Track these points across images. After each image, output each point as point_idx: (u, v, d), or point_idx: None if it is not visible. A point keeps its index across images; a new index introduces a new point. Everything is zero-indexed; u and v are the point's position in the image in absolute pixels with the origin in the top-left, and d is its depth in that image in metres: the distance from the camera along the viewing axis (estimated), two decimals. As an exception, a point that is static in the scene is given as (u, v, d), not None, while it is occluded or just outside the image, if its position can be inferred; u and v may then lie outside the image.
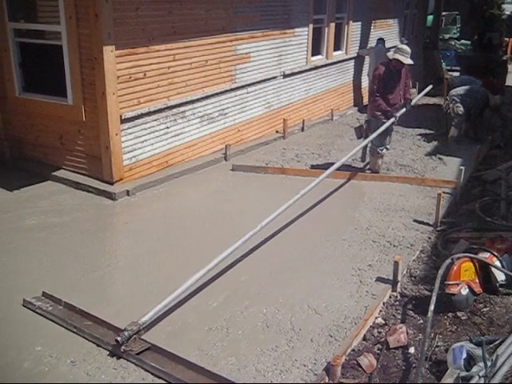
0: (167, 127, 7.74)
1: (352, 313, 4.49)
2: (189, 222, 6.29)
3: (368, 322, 4.39)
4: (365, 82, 13.38)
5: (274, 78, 9.99)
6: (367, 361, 3.98)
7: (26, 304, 4.49)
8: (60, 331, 4.17)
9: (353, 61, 13.12)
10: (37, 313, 4.39)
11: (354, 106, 13.27)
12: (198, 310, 4.49)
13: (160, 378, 3.67)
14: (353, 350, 4.08)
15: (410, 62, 7.42)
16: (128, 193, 6.99)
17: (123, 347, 3.85)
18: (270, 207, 5.49)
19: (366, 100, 13.11)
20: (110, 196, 6.89)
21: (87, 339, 4.05)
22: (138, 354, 3.84)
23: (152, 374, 3.70)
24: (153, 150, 7.57)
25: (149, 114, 7.36)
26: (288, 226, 6.11)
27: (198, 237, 5.87)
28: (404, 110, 7.77)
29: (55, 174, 7.44)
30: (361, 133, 8.08)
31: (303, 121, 10.77)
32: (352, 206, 6.83)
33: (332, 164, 8.09)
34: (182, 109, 7.92)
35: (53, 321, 4.28)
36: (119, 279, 5.16)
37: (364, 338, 4.26)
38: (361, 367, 3.93)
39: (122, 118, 6.96)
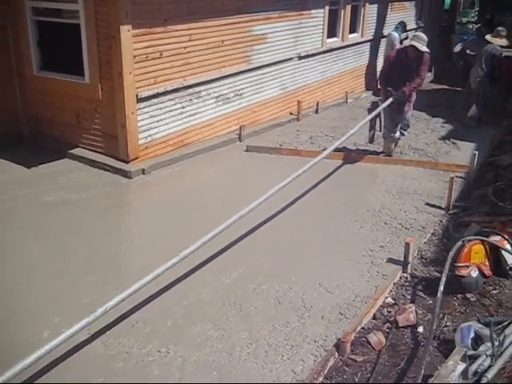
0: (183, 107, 7.80)
1: (362, 292, 4.58)
2: (203, 201, 6.38)
3: (378, 301, 4.47)
4: (380, 65, 13.29)
5: (290, 59, 9.99)
6: (376, 338, 4.07)
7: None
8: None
9: (368, 43, 13.04)
10: None
11: (369, 89, 13.21)
12: (212, 287, 4.60)
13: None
14: (362, 328, 4.17)
15: (426, 49, 7.38)
16: (143, 171, 7.09)
17: None
18: (281, 190, 5.56)
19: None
20: (125, 174, 7.00)
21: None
22: None
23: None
24: (168, 130, 7.65)
25: (165, 93, 7.42)
26: (301, 206, 6.18)
27: (212, 215, 5.92)
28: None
29: (72, 151, 7.55)
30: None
31: (317, 103, 10.78)
32: (365, 188, 6.88)
33: (346, 148, 8.22)
34: (197, 89, 7.97)
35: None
36: (133, 256, 5.29)
37: (374, 317, 4.34)
38: (370, 344, 4.02)
39: (138, 97, 7.03)
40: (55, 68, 7.65)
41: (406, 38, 12.02)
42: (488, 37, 10.17)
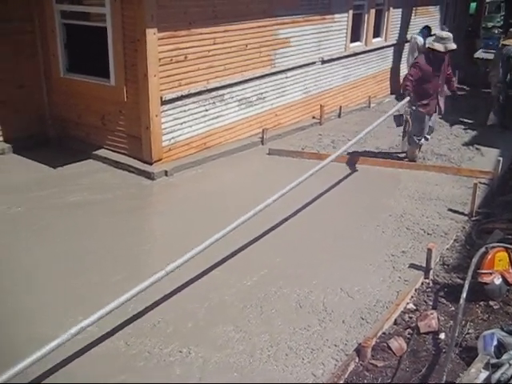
0: (206, 110, 7.86)
1: (384, 297, 4.57)
2: (225, 204, 6.41)
3: (399, 306, 4.46)
4: (404, 70, 13.24)
5: (313, 63, 10.00)
6: (397, 344, 4.05)
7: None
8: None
9: (392, 48, 13.00)
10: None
11: (392, 93, 13.15)
12: (234, 289, 4.62)
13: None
14: (383, 333, 4.17)
15: (453, 46, 7.34)
16: (166, 173, 7.16)
17: None
18: (304, 192, 5.58)
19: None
20: (148, 176, 7.07)
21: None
22: None
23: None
24: (191, 132, 7.72)
25: (188, 96, 7.49)
26: (323, 210, 6.19)
27: (233, 218, 5.96)
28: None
29: (96, 152, 7.65)
30: (400, 121, 8.04)
31: (340, 107, 10.77)
32: (387, 193, 6.86)
33: (368, 151, 8.21)
34: (221, 92, 8.03)
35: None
36: (156, 257, 5.34)
37: (395, 322, 4.33)
38: (391, 350, 4.01)
39: (163, 99, 7.11)
40: (81, 70, 7.76)
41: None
42: (503, 39, 10.09)
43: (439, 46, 7.26)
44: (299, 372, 3.68)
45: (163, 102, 7.14)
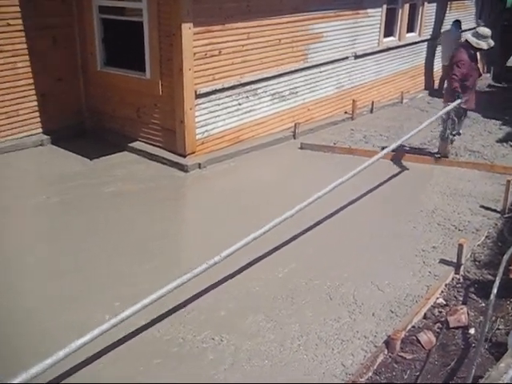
0: (239, 104, 7.96)
1: (414, 291, 4.60)
2: (257, 196, 6.51)
3: (429, 301, 4.49)
4: (437, 65, 13.12)
5: (346, 58, 10.00)
6: (426, 337, 4.09)
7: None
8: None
9: (425, 43, 12.86)
10: None
11: (425, 89, 13.04)
12: (265, 280, 4.72)
13: None
14: (413, 327, 4.21)
15: (493, 43, 7.31)
16: (199, 166, 7.29)
17: None
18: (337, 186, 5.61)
19: (437, 84, 12.88)
20: (182, 168, 7.21)
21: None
22: None
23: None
24: (225, 126, 7.83)
25: (222, 90, 7.60)
26: (355, 205, 6.23)
27: (265, 212, 6.04)
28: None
29: (131, 145, 7.82)
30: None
31: (372, 102, 10.74)
32: (419, 188, 6.86)
33: (400, 147, 8.17)
34: (254, 86, 8.12)
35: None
36: (188, 247, 5.50)
37: (424, 317, 4.37)
38: (420, 343, 4.06)
39: (197, 93, 7.23)
40: (118, 64, 7.94)
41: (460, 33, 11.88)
42: None
43: (483, 44, 7.25)
44: (329, 362, 3.75)
45: (197, 96, 7.26)
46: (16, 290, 4.52)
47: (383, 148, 7.97)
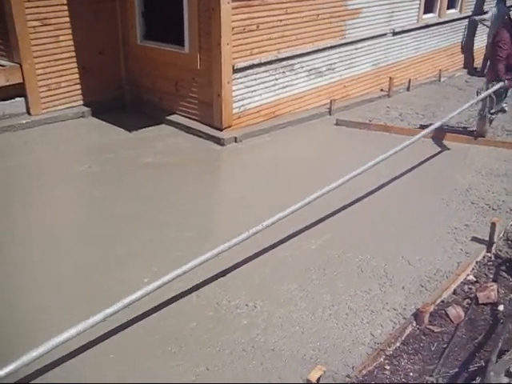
0: (276, 79, 8.02)
1: (444, 267, 4.66)
2: (293, 171, 6.62)
3: (460, 277, 4.55)
4: (478, 43, 12.87)
5: (384, 35, 9.90)
6: (455, 312, 4.17)
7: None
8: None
9: (466, 20, 12.61)
10: None
11: (464, 68, 12.83)
12: (299, 251, 4.85)
13: None
14: (442, 302, 4.29)
15: None
16: (235, 140, 7.41)
17: None
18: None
19: (478, 62, 12.66)
20: (218, 142, 7.35)
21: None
22: None
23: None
24: (261, 100, 7.91)
25: (259, 65, 7.67)
26: (389, 181, 6.28)
27: (299, 186, 6.15)
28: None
29: (169, 118, 7.99)
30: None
31: (409, 80, 10.64)
32: (453, 167, 6.85)
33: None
34: (291, 61, 8.15)
35: None
36: (225, 218, 5.66)
37: (454, 292, 4.43)
38: (448, 317, 4.14)
39: (235, 67, 7.31)
40: (157, 38, 8.06)
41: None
42: None
43: None
44: (358, 331, 3.87)
45: (235, 70, 7.34)
46: (56, 254, 4.75)
47: (421, 126, 7.98)
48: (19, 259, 4.63)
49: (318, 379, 2.82)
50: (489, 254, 4.97)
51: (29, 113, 7.82)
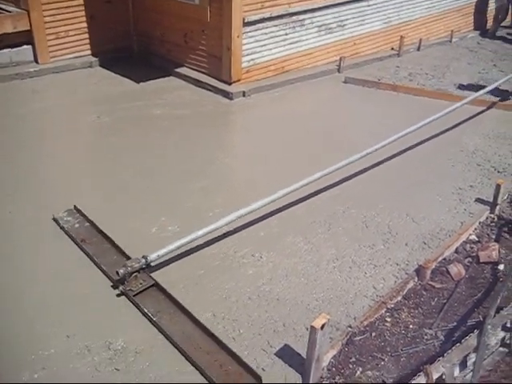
0: (286, 34, 7.93)
1: (448, 226, 4.72)
2: (300, 126, 6.62)
3: (462, 236, 4.62)
4: (492, 5, 12.60)
5: (397, -8, 9.75)
6: (456, 269, 4.26)
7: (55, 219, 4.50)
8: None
9: (481, -20, 12.35)
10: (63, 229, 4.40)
11: (476, 29, 12.61)
12: (305, 205, 4.92)
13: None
14: (444, 259, 4.37)
15: None
16: (244, 94, 7.40)
17: (121, 287, 3.69)
18: (379, 121, 5.67)
19: (490, 24, 12.45)
20: (226, 95, 7.33)
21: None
22: (136, 294, 3.64)
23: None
24: (271, 55, 7.85)
25: (270, 19, 7.57)
26: (396, 142, 6.25)
27: (307, 142, 6.21)
28: None
29: (177, 70, 7.95)
30: None
31: (420, 40, 10.48)
32: (461, 129, 6.83)
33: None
34: (301, 17, 8.04)
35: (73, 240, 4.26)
36: (236, 170, 5.73)
37: (456, 251, 4.52)
38: (449, 274, 4.23)
39: (245, 21, 7.23)
40: (167, -13, 7.95)
41: None
42: None
43: None
44: (361, 284, 3.96)
45: (245, 24, 7.26)
46: (68, 198, 4.81)
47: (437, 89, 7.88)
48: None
49: (323, 326, 2.91)
50: (492, 215, 5.03)
51: (36, 61, 7.79)
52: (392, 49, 10.03)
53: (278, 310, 3.65)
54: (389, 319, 3.76)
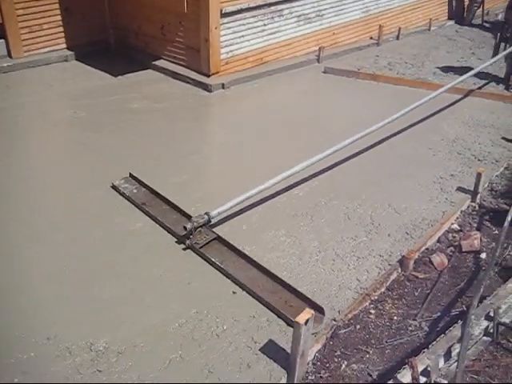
0: (264, 24, 7.87)
1: (430, 216, 4.72)
2: (278, 118, 6.58)
3: (444, 225, 4.62)
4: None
5: (374, -19, 9.72)
6: (439, 259, 4.26)
7: (114, 186, 4.87)
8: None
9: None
10: (122, 194, 4.75)
11: (454, 17, 12.63)
12: (286, 198, 4.89)
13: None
14: (426, 249, 4.38)
15: None
16: (223, 86, 7.33)
17: (188, 241, 4.07)
18: (359, 112, 5.64)
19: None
20: (205, 88, 7.26)
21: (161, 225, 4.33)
22: (202, 246, 4.03)
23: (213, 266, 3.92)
24: (249, 46, 7.79)
25: (248, 9, 7.51)
26: (374, 130, 6.24)
27: (286, 133, 6.17)
28: None
29: (155, 63, 7.86)
30: None
31: (399, 29, 10.49)
32: (441, 117, 6.84)
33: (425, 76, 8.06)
34: (280, 7, 7.99)
35: (133, 203, 4.62)
36: (212, 163, 5.68)
37: (438, 240, 4.52)
38: (432, 264, 4.24)
39: (223, 12, 7.15)
40: (143, -21, 7.83)
41: None
42: None
43: None
44: (344, 276, 3.94)
45: (223, 15, 7.19)
46: (44, 202, 4.72)
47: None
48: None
49: (307, 321, 2.87)
50: (473, 204, 5.04)
51: (10, 56, 7.63)
52: (371, 38, 10.02)
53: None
54: (373, 311, 3.74)
